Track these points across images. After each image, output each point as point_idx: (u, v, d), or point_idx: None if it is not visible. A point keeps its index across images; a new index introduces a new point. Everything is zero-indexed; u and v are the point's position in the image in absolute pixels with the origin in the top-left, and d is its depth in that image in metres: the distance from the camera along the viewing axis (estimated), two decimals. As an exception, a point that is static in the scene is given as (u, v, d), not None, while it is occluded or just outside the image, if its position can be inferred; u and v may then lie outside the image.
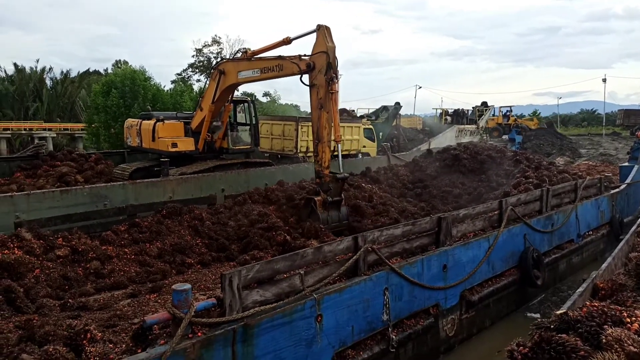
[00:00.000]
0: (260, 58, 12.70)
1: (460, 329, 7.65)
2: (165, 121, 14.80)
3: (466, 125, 36.14)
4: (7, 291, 6.19)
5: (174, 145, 14.40)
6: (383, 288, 6.02)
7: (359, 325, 5.68)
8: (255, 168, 15.06)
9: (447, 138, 30.60)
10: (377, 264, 6.17)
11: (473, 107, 39.64)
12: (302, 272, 5.11)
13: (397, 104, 29.70)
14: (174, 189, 11.78)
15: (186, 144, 14.65)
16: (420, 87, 77.89)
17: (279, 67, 12.18)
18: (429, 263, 6.86)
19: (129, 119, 17.21)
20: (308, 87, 10.79)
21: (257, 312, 4.48)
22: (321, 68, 10.55)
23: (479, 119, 37.71)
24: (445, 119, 38.29)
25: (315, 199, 10.45)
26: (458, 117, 38.48)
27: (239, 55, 14.55)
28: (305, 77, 10.85)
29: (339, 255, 5.83)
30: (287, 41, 12.22)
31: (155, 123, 14.65)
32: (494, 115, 44.70)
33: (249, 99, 17.62)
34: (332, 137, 10.87)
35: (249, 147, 16.27)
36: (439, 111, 41.26)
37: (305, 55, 11.07)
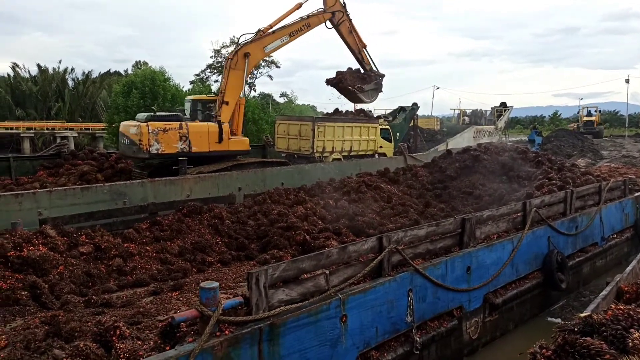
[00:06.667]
0: (284, 26, 15.43)
1: (483, 331, 7.54)
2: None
3: (484, 126, 35.67)
4: (33, 287, 6.25)
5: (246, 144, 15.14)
6: (407, 289, 5.94)
7: (383, 327, 5.62)
8: (271, 167, 15.08)
9: (465, 139, 30.24)
10: (401, 264, 6.10)
11: (492, 108, 39.13)
12: (327, 272, 5.06)
13: (415, 104, 29.44)
14: (191, 187, 11.86)
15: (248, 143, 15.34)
16: (438, 88, 77.28)
17: (307, 25, 15.79)
18: (452, 265, 6.77)
19: (128, 123, 15.27)
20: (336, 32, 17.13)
21: (283, 312, 4.45)
22: (340, 8, 16.47)
23: (497, 120, 37.19)
24: (463, 120, 37.86)
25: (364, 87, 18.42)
26: (476, 117, 38.01)
27: (244, 38, 15.83)
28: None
29: (363, 256, 5.77)
30: (299, 6, 15.62)
31: (220, 124, 14.53)
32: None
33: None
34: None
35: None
36: (457, 112, 40.88)
37: (320, 8, 16.10)
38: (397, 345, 5.84)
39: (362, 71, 20.10)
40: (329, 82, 20.31)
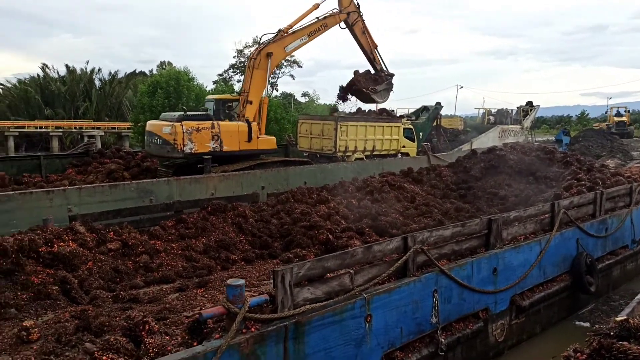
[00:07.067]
0: (303, 26, 16.00)
1: (509, 334, 7.41)
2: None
3: (510, 126, 35.04)
4: (63, 282, 6.41)
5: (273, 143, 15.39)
6: (432, 290, 5.88)
7: (408, 327, 5.57)
8: (294, 167, 15.13)
9: (489, 138, 29.76)
10: (426, 265, 6.04)
11: (517, 107, 38.40)
12: (352, 271, 5.05)
13: (438, 103, 29.18)
14: (216, 185, 11.98)
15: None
16: (462, 87, 76.18)
17: (324, 26, 16.46)
18: (478, 266, 6.67)
19: (158, 122, 15.11)
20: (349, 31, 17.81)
21: (308, 310, 4.45)
22: (355, 9, 17.23)
23: (523, 119, 36.47)
24: (488, 119, 37.24)
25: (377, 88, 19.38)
26: (501, 117, 37.35)
27: (265, 38, 16.30)
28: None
29: (388, 256, 5.73)
30: (316, 7, 16.42)
31: (249, 123, 14.76)
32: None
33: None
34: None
35: None
36: (482, 111, 40.26)
37: (335, 9, 16.90)
38: (421, 346, 5.79)
39: (372, 72, 20.36)
40: (342, 97, 20.98)
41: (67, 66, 58.35)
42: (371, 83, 19.86)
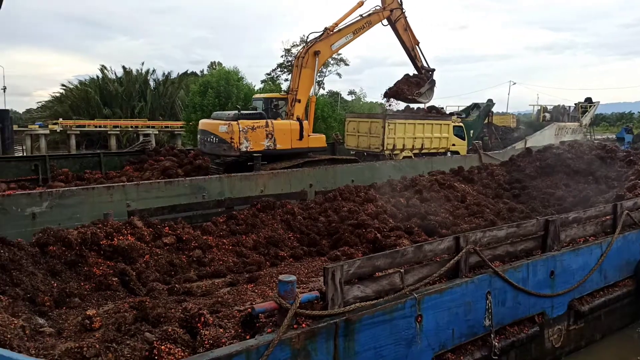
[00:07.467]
0: (348, 24, 16.28)
1: (567, 340, 7.10)
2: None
3: (567, 123, 33.49)
4: (122, 274, 6.71)
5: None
6: (485, 292, 5.72)
7: (460, 329, 5.45)
8: (342, 164, 15.14)
9: (545, 136, 28.57)
10: (479, 266, 5.88)
11: (575, 104, 36.62)
12: (402, 271, 4.99)
13: (490, 100, 28.31)
14: (265, 183, 12.16)
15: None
16: (515, 83, 73.23)
17: (368, 23, 16.62)
18: (534, 268, 6.42)
19: (213, 121, 15.25)
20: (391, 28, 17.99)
21: (358, 308, 4.44)
22: (398, 6, 17.40)
23: (582, 116, 34.75)
24: (544, 116, 35.72)
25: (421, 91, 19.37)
26: (558, 114, 35.75)
27: (312, 36, 16.52)
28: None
29: (438, 256, 5.63)
30: (361, 4, 16.72)
31: (300, 122, 15.04)
32: None
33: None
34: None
35: None
36: (537, 108, 38.67)
37: (378, 6, 17.07)
38: (474, 349, 5.64)
39: (411, 75, 20.41)
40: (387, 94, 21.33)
41: (123, 67, 61.22)
42: (414, 87, 19.84)
